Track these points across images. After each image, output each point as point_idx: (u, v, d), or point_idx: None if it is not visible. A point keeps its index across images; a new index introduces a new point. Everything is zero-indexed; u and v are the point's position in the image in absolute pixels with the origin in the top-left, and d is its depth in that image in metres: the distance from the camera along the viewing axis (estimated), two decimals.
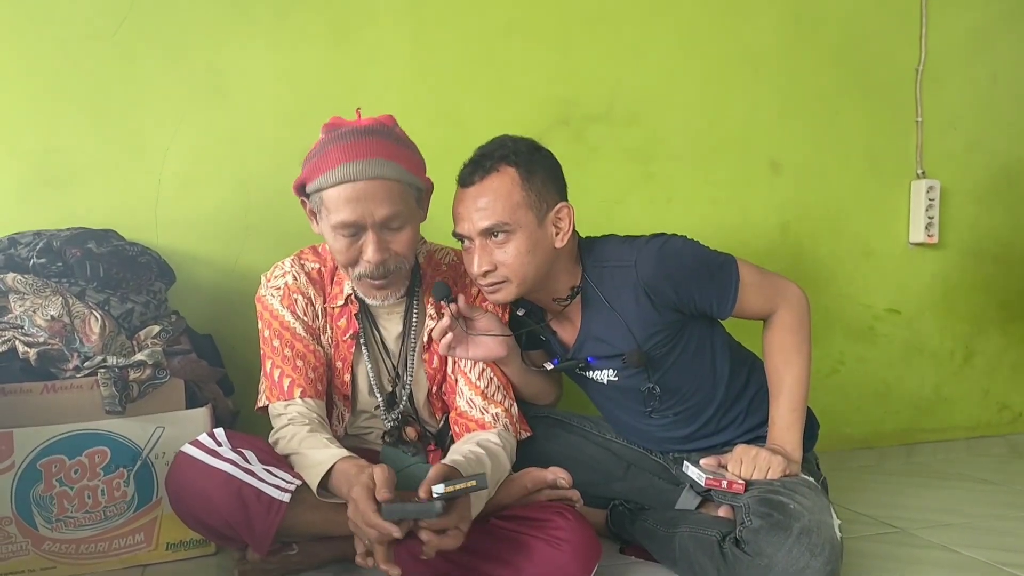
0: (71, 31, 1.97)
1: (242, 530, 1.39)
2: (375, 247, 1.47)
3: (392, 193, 1.45)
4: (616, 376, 1.71)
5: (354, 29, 2.14)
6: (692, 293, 1.61)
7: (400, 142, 1.51)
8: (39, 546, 1.60)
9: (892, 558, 1.67)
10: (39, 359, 1.59)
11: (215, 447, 1.43)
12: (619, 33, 2.35)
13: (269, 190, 2.08)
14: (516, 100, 2.25)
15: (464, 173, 1.59)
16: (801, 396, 1.64)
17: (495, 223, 1.54)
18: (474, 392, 1.64)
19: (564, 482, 1.55)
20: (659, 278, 1.59)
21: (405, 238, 1.51)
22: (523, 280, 1.58)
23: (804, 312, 1.68)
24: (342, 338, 1.63)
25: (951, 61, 2.66)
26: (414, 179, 1.51)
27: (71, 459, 1.59)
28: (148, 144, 2.02)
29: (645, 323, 1.63)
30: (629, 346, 1.64)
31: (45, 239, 1.73)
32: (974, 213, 2.72)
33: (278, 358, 1.58)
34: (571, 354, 1.73)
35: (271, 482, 1.39)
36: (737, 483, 1.53)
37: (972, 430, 2.78)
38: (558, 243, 1.59)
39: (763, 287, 1.66)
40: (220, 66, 2.06)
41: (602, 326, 1.66)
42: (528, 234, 1.55)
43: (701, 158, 2.43)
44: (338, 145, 1.46)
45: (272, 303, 1.61)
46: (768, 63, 2.48)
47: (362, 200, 1.43)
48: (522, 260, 1.56)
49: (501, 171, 1.55)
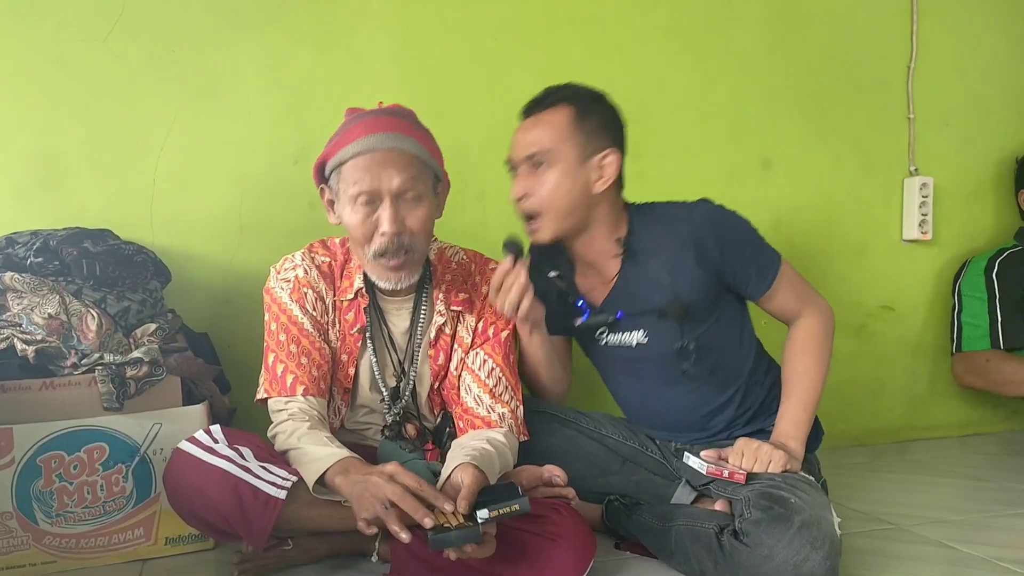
0: (64, 33, 1.98)
1: (239, 526, 1.40)
2: (391, 217, 1.48)
3: (409, 164, 1.49)
4: (646, 337, 1.71)
5: (344, 30, 2.15)
6: (735, 261, 1.65)
7: (420, 127, 1.57)
8: (39, 540, 1.61)
9: (886, 554, 1.67)
10: (37, 356, 1.60)
11: (211, 444, 1.43)
12: (608, 32, 2.36)
13: (263, 189, 2.09)
14: (506, 100, 2.21)
15: (526, 106, 1.69)
16: (814, 398, 1.67)
17: (536, 151, 1.61)
18: (483, 390, 1.64)
19: (559, 480, 1.56)
20: (711, 235, 1.63)
21: (420, 215, 1.52)
22: (555, 214, 1.62)
23: (830, 324, 1.73)
24: (349, 331, 1.63)
25: (943, 58, 2.67)
26: (432, 160, 1.54)
27: (70, 455, 1.60)
28: (142, 144, 2.03)
29: (687, 277, 1.65)
30: (668, 299, 1.65)
31: (42, 238, 1.74)
32: (967, 210, 2.73)
33: (283, 353, 1.58)
34: (602, 309, 1.73)
35: (267, 479, 1.40)
36: (739, 473, 1.54)
37: (965, 427, 2.79)
38: (597, 187, 1.63)
39: (798, 289, 1.72)
40: (211, 67, 2.07)
41: (641, 281, 1.68)
42: (566, 168, 1.61)
43: (691, 156, 2.44)
44: (360, 122, 1.51)
45: (281, 296, 1.61)
46: (758, 60, 2.49)
47: (381, 167, 1.47)
48: (554, 193, 1.61)
49: (557, 108, 1.64)
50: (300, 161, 2.09)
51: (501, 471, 1.50)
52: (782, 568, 1.34)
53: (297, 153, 2.09)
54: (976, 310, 2.57)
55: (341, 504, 1.40)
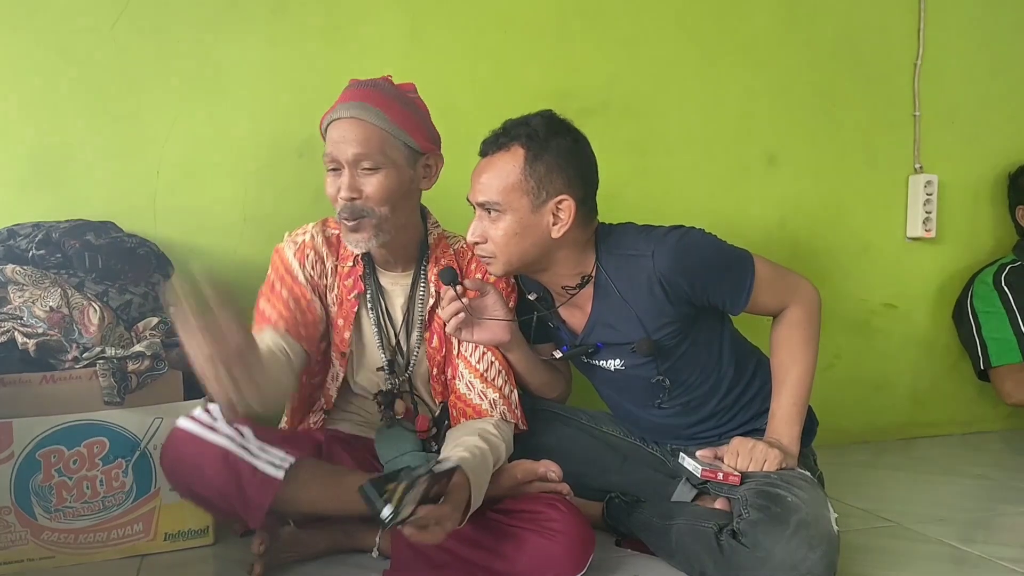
0: (68, 23, 1.97)
1: (236, 503, 1.40)
2: (345, 185, 1.52)
3: (369, 136, 1.52)
4: (623, 365, 1.71)
5: (350, 22, 2.14)
6: (707, 288, 1.61)
7: (399, 99, 1.58)
8: (38, 536, 1.60)
9: (888, 552, 1.67)
10: (38, 350, 1.60)
11: (211, 422, 1.43)
12: (616, 26, 2.35)
13: (267, 182, 2.09)
14: (512, 93, 2.24)
15: (484, 143, 1.63)
16: (804, 392, 1.65)
17: (487, 200, 1.57)
18: (473, 375, 1.66)
19: (554, 475, 1.56)
20: (676, 271, 1.58)
21: (377, 184, 1.53)
22: (508, 260, 1.59)
23: (815, 309, 1.69)
24: (347, 296, 1.66)
25: (949, 55, 2.66)
26: (400, 132, 1.54)
27: (70, 449, 1.60)
28: (146, 136, 2.02)
29: (657, 314, 1.62)
30: (639, 335, 1.64)
31: (44, 230, 1.73)
32: (972, 208, 2.72)
33: (272, 295, 1.63)
34: (580, 340, 1.72)
35: (265, 458, 1.41)
36: (733, 475, 1.53)
37: (968, 425, 2.78)
38: (555, 233, 1.58)
39: (776, 285, 1.67)
40: (217, 59, 2.06)
41: (613, 314, 1.66)
42: (519, 218, 1.56)
43: (698, 152, 2.43)
44: (345, 92, 1.58)
45: (286, 253, 1.66)
46: (765, 56, 2.48)
47: (341, 137, 1.52)
48: (507, 241, 1.57)
49: (510, 150, 1.57)
50: (305, 154, 2.08)
51: (495, 464, 1.52)
52: (779, 569, 1.34)
53: (302, 146, 2.09)
54: (997, 324, 2.55)
55: (340, 485, 1.42)
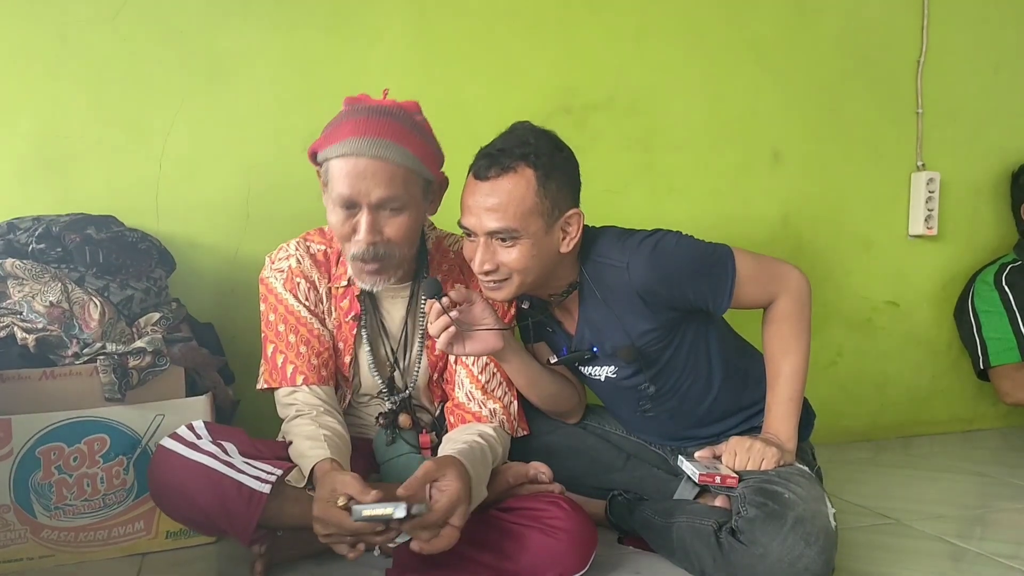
0: (70, 14, 1.95)
1: (222, 522, 1.39)
2: (367, 228, 1.45)
3: (393, 177, 1.43)
4: (615, 373, 1.70)
5: (355, 13, 2.13)
6: (687, 292, 1.59)
7: (416, 129, 1.48)
8: (37, 534, 1.59)
9: (888, 549, 1.68)
10: (38, 345, 1.59)
11: (194, 440, 1.42)
12: (621, 22, 2.34)
13: (270, 177, 2.07)
14: (518, 87, 2.24)
15: (481, 165, 1.52)
16: (798, 385, 1.64)
17: (503, 227, 1.49)
18: (474, 385, 1.64)
19: (544, 476, 1.56)
20: (652, 281, 1.56)
21: (400, 224, 1.47)
22: (523, 281, 1.56)
23: (804, 299, 1.65)
24: (344, 319, 1.63)
25: (952, 52, 2.66)
26: (422, 168, 1.47)
27: (70, 446, 1.59)
28: (148, 128, 2.01)
29: (639, 320, 1.61)
30: (623, 342, 1.63)
31: (44, 224, 1.72)
32: (973, 205, 2.72)
33: (282, 343, 1.58)
34: (574, 344, 1.71)
35: (251, 474, 1.39)
36: (731, 477, 1.53)
37: (968, 423, 2.80)
38: (563, 248, 1.56)
39: (761, 278, 1.63)
40: (220, 50, 2.04)
41: (599, 318, 1.65)
42: (536, 241, 1.51)
43: (702, 148, 2.43)
44: (352, 119, 1.45)
45: (275, 286, 1.60)
46: (770, 53, 2.48)
47: (361, 177, 1.42)
48: (525, 264, 1.52)
49: (519, 172, 1.49)
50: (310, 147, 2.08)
51: (493, 463, 1.51)
52: (777, 566, 1.35)
53: (307, 140, 2.02)
54: (997, 324, 2.56)
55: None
